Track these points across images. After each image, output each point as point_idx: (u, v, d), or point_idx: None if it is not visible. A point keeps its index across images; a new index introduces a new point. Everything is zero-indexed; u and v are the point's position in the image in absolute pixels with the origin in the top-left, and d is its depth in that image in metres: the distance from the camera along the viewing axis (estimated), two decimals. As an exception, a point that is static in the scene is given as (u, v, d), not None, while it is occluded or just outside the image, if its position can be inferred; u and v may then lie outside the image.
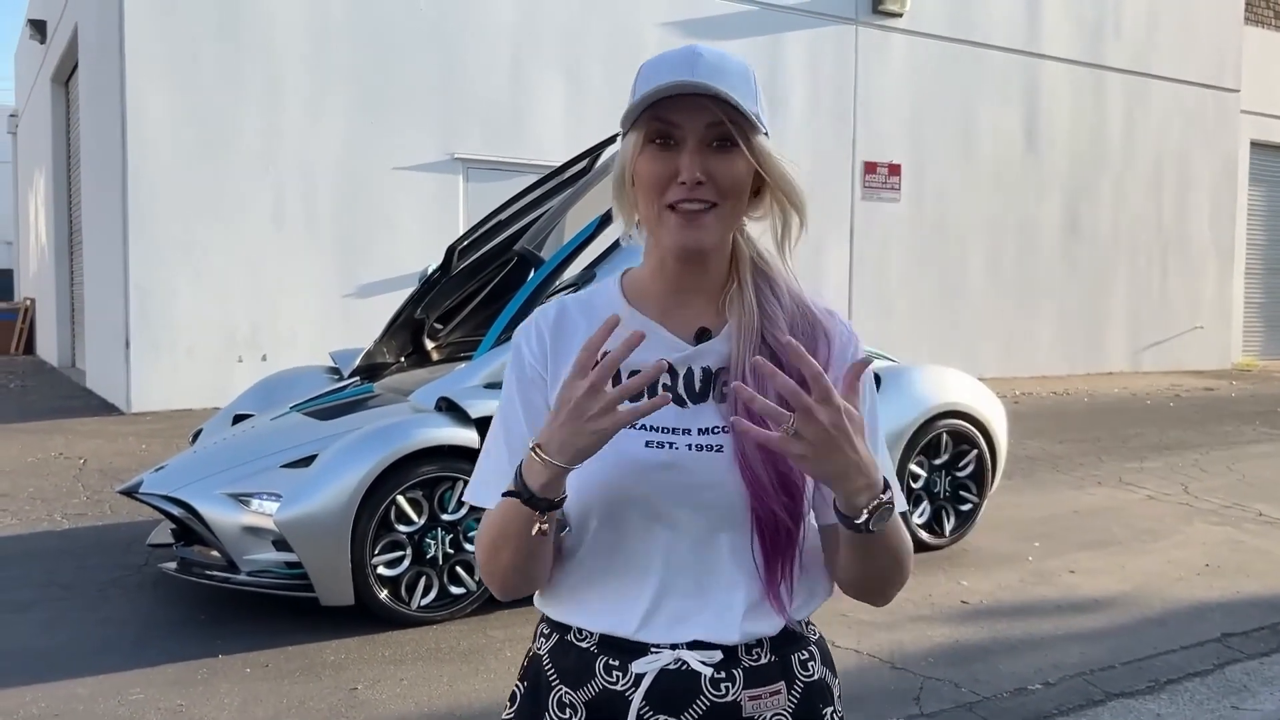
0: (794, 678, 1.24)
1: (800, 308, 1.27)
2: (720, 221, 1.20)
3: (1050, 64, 14.36)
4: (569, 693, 1.23)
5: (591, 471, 1.18)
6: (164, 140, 8.99)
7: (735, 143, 1.18)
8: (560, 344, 1.26)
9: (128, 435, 8.00)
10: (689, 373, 1.24)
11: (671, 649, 1.19)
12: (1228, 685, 3.87)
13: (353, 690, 3.61)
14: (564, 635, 1.25)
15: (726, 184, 1.18)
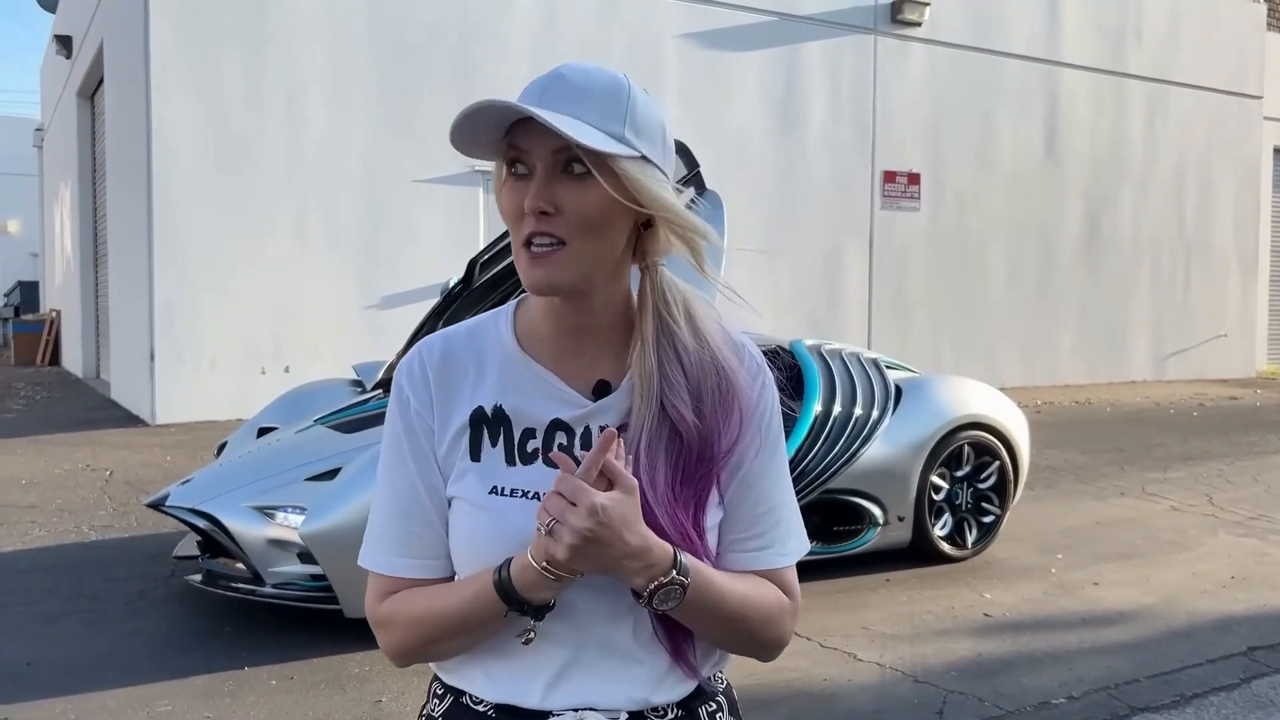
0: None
1: (712, 365, 1.14)
2: (574, 259, 1.07)
3: (1070, 72, 14.32)
4: None
5: (479, 546, 1.11)
6: (188, 154, 9.10)
7: (588, 170, 1.05)
8: (446, 392, 1.15)
9: (152, 447, 8.08)
10: (585, 431, 1.13)
11: (574, 712, 1.12)
12: (1255, 700, 3.84)
13: (377, 702, 3.63)
14: (458, 698, 1.17)
15: (577, 217, 1.06)
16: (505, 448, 1.13)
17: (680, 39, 11.23)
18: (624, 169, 1.06)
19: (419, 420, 1.15)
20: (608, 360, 1.15)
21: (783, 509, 1.18)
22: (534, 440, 1.13)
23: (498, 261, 5.77)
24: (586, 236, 1.07)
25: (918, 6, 12.71)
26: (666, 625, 1.12)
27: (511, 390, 1.14)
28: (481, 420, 1.14)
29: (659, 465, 1.09)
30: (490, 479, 1.12)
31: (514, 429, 1.13)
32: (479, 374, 1.15)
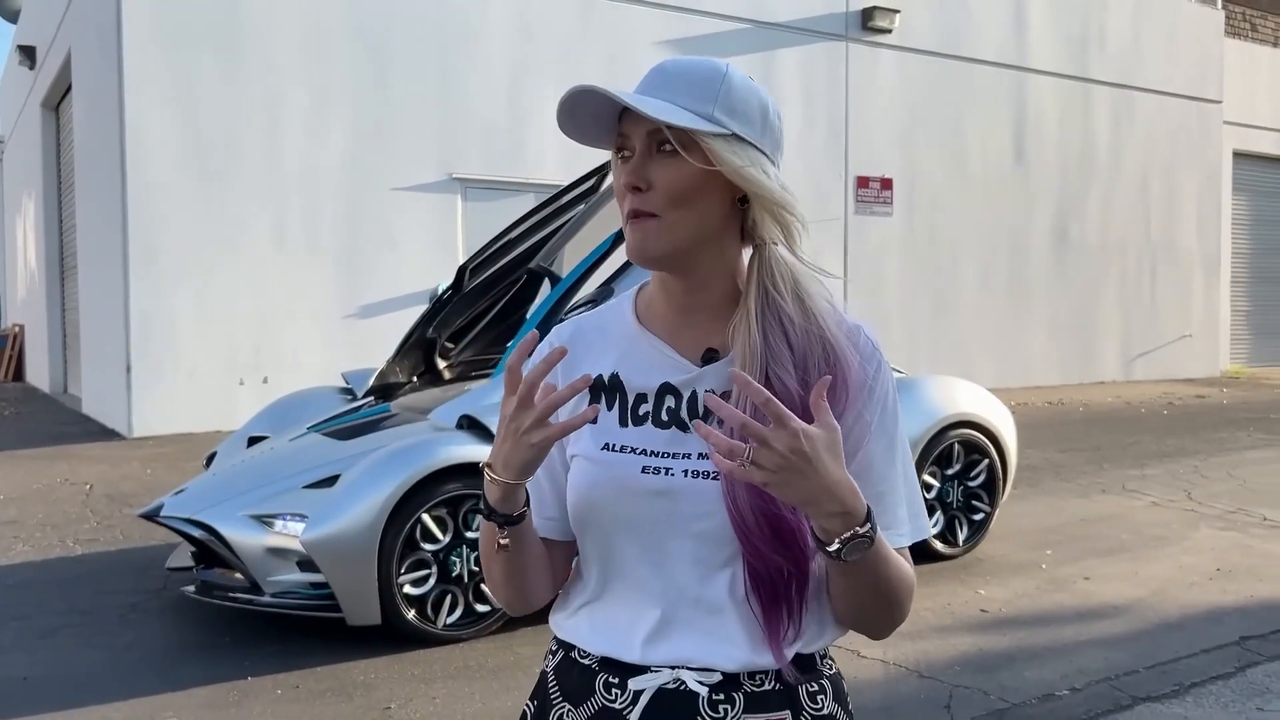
0: (801, 709, 1.18)
1: (818, 340, 1.17)
2: (666, 230, 1.15)
3: (1038, 78, 14.53)
4: (570, 710, 1.21)
5: (590, 496, 1.19)
6: (164, 164, 9.00)
7: (674, 149, 1.13)
8: (572, 362, 1.25)
9: (131, 460, 7.97)
10: (693, 395, 1.19)
11: (670, 669, 1.16)
12: (1251, 688, 3.91)
13: (386, 710, 3.61)
14: (568, 653, 1.24)
15: (669, 190, 1.14)
16: (619, 410, 1.21)
17: (657, 46, 11.28)
18: (710, 146, 1.12)
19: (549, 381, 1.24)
20: (719, 332, 1.20)
21: (898, 492, 1.20)
22: (645, 405, 1.21)
23: (487, 267, 5.77)
24: (676, 209, 1.15)
25: (888, 14, 12.85)
26: (761, 600, 1.14)
27: (627, 360, 1.23)
28: (599, 387, 1.23)
29: None
30: (604, 437, 1.20)
31: (628, 394, 1.21)
32: (602, 349, 1.25)
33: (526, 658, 4.11)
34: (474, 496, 4.25)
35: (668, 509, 1.15)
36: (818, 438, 1.00)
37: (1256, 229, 18.80)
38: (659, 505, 1.16)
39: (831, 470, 1.01)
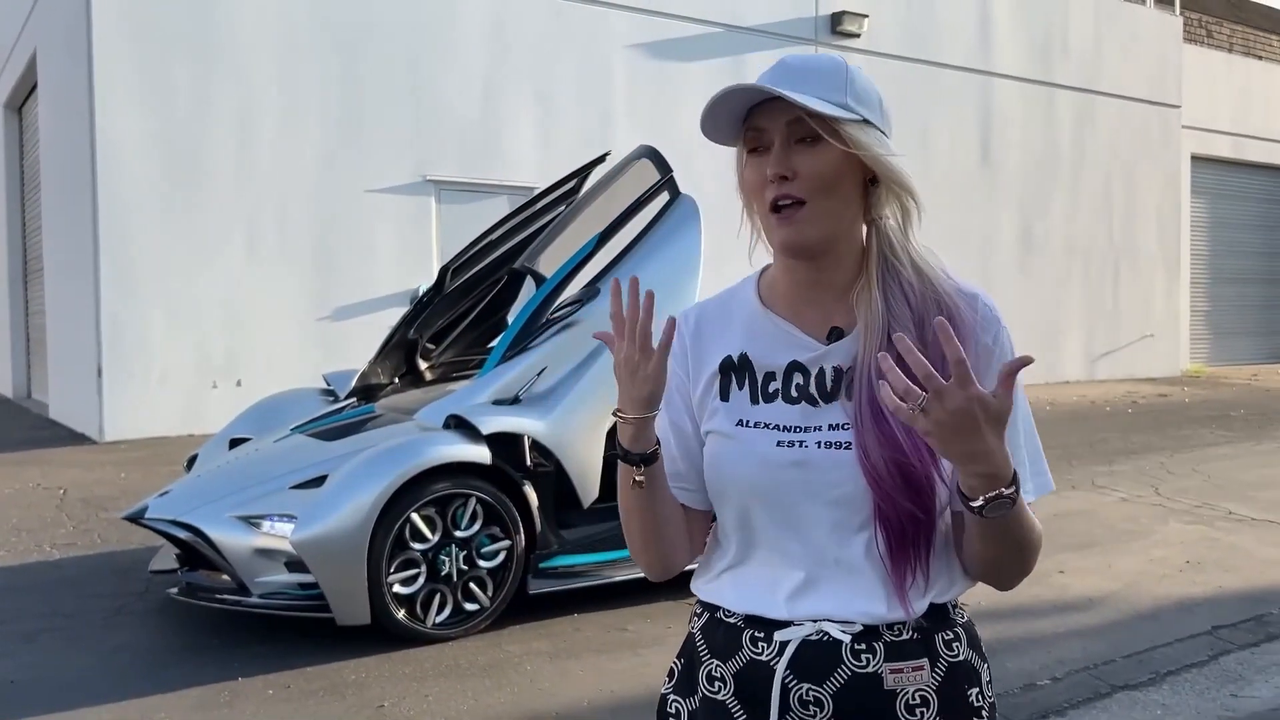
0: (938, 656, 1.23)
1: (935, 302, 1.24)
2: (816, 218, 1.22)
3: (1003, 82, 14.74)
4: (719, 665, 1.28)
5: (727, 470, 1.27)
6: (136, 166, 8.92)
7: (819, 136, 1.20)
8: (700, 347, 1.34)
9: (104, 464, 7.89)
10: (820, 372, 1.26)
11: (813, 622, 1.23)
12: (1224, 675, 4.01)
13: (379, 708, 3.62)
14: (713, 614, 1.31)
15: (812, 178, 1.21)
16: (750, 389, 1.29)
17: (629, 49, 11.33)
18: (849, 132, 1.21)
19: (673, 377, 1.33)
20: (842, 310, 1.28)
21: (1020, 451, 1.25)
22: (775, 382, 1.28)
23: (469, 268, 5.79)
24: (822, 195, 1.22)
25: (857, 18, 12.99)
26: (892, 551, 1.21)
27: (754, 340, 1.31)
28: (729, 367, 1.31)
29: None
30: (737, 414, 1.28)
31: (757, 373, 1.29)
32: (728, 330, 1.32)
33: (515, 655, 4.13)
34: (462, 496, 4.28)
35: (804, 478, 1.23)
36: (990, 405, 1.05)
37: (1214, 231, 19.17)
38: (795, 475, 1.23)
39: (991, 437, 1.06)
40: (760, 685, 1.24)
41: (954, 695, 1.24)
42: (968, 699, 1.25)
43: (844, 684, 1.21)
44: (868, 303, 1.24)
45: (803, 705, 1.22)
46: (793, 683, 1.22)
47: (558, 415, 4.46)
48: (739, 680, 1.26)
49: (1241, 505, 6.94)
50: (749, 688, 1.25)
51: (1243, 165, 19.46)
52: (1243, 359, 19.52)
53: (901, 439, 1.18)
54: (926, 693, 1.22)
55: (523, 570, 4.42)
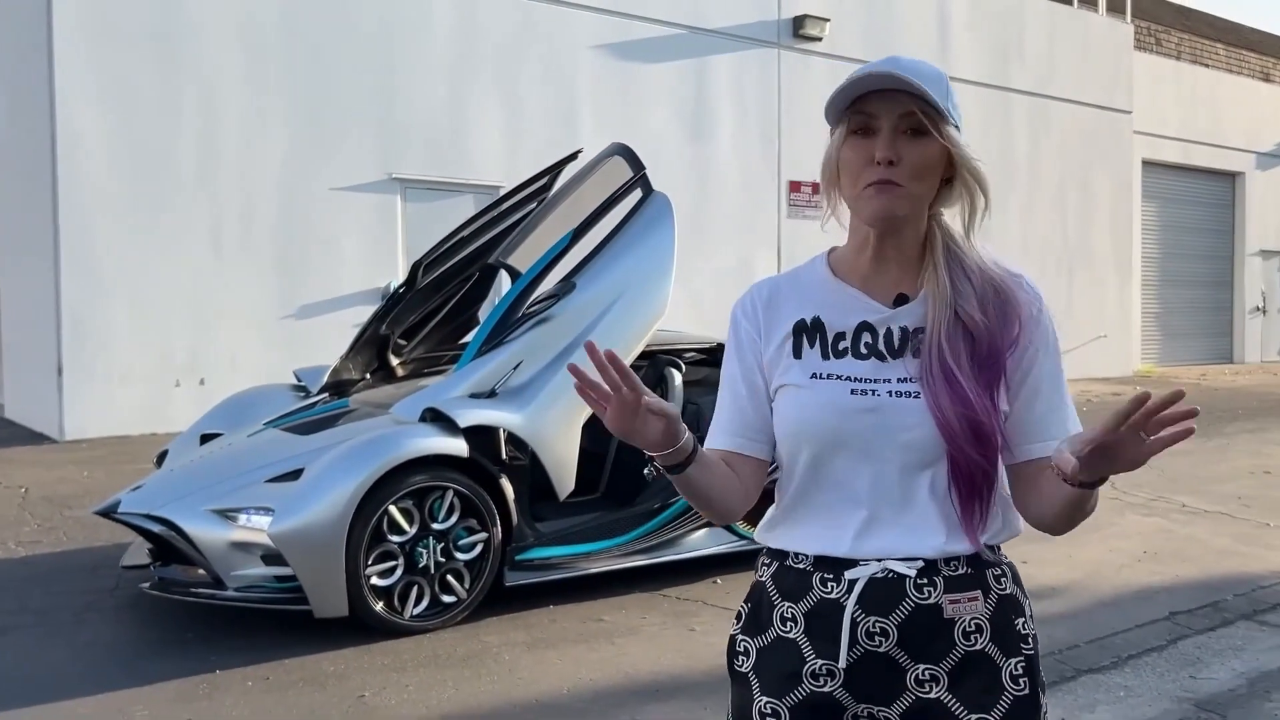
0: (989, 589, 1.40)
1: (990, 283, 1.42)
2: (910, 198, 1.38)
3: (960, 86, 14.96)
4: (790, 606, 1.42)
5: (806, 415, 1.41)
6: (97, 163, 8.81)
7: (926, 130, 1.35)
8: (772, 313, 1.49)
9: (65, 463, 7.79)
10: (888, 331, 1.42)
11: (878, 561, 1.38)
12: (1183, 658, 4.15)
13: (360, 698, 3.64)
14: (783, 561, 1.45)
15: (917, 166, 1.36)
16: (821, 347, 1.44)
17: (595, 50, 11.38)
18: (949, 134, 1.37)
19: (747, 338, 1.49)
20: (908, 280, 1.44)
21: (1066, 410, 1.43)
22: (844, 341, 1.43)
23: (440, 265, 5.81)
24: (917, 182, 1.38)
25: (818, 22, 13.14)
26: (961, 495, 1.37)
27: (826, 306, 1.46)
28: (801, 329, 1.46)
29: (961, 355, 1.37)
30: (811, 368, 1.43)
31: (828, 333, 1.44)
32: (800, 299, 1.48)
33: (494, 646, 4.17)
34: (439, 489, 4.30)
35: (877, 423, 1.37)
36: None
37: (1164, 234, 19.59)
38: (869, 420, 1.37)
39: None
40: (831, 620, 1.39)
41: (1004, 623, 1.40)
42: (1015, 627, 1.41)
43: (908, 615, 1.37)
44: (934, 277, 1.42)
45: (869, 636, 1.37)
46: (861, 616, 1.37)
47: (534, 409, 4.50)
48: (809, 618, 1.40)
49: (1195, 499, 7.14)
50: (819, 624, 1.40)
51: (1191, 170, 19.90)
52: (1191, 360, 19.96)
53: (973, 397, 1.35)
54: (981, 620, 1.38)
55: (499, 562, 4.45)
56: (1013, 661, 1.39)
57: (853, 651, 1.37)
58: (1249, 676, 3.94)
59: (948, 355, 1.36)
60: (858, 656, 1.38)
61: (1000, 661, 1.38)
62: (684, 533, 4.97)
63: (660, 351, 5.46)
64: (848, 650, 1.37)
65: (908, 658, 1.37)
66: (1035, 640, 1.43)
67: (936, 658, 1.37)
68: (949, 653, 1.37)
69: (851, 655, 1.37)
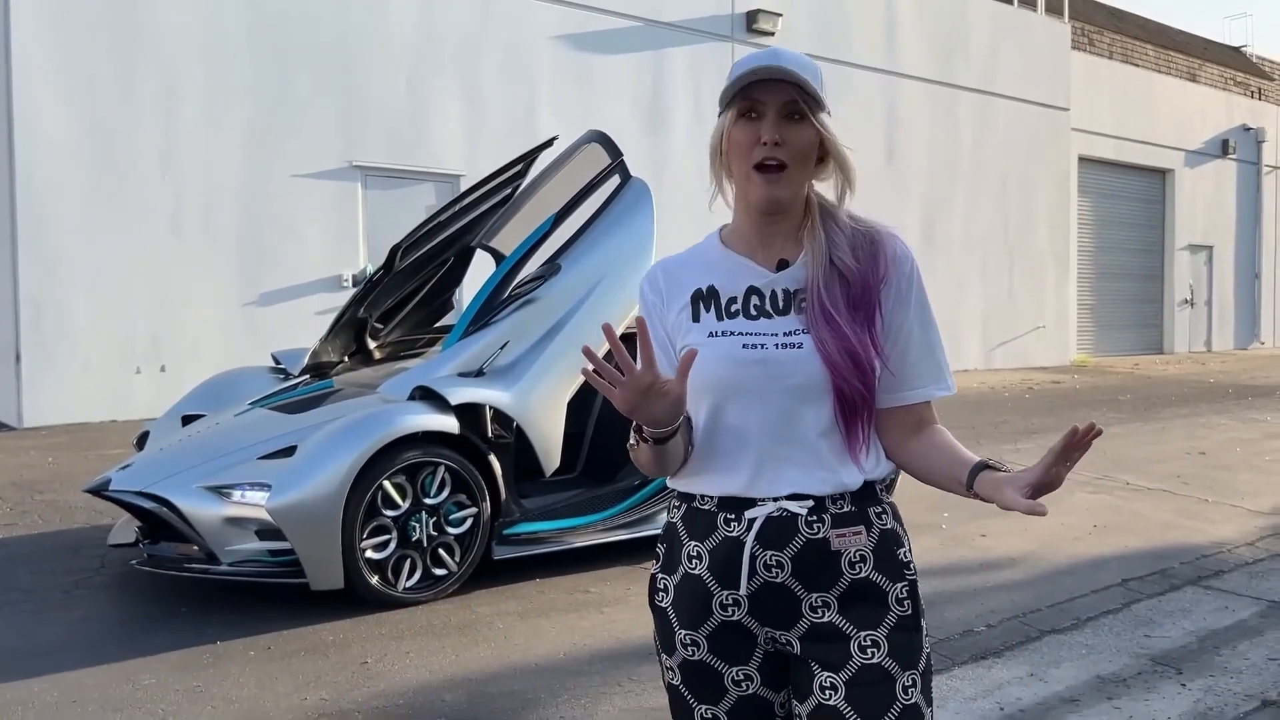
0: (871, 524, 1.56)
1: (860, 232, 1.61)
2: (792, 180, 1.55)
3: (908, 82, 15.33)
4: (697, 545, 1.59)
5: (702, 369, 1.53)
6: (56, 149, 8.71)
7: (805, 115, 1.53)
8: (672, 285, 1.66)
9: (28, 450, 7.71)
10: (773, 293, 1.59)
11: (774, 500, 1.53)
12: (1137, 620, 4.42)
13: (363, 664, 3.75)
14: (690, 503, 1.61)
15: (797, 147, 1.54)
16: (715, 310, 1.61)
17: (553, 40, 11.48)
18: (822, 120, 1.56)
19: (654, 309, 1.66)
20: (789, 249, 1.62)
21: (930, 360, 1.62)
22: (735, 304, 1.60)
23: (417, 249, 5.89)
24: (799, 163, 1.56)
25: (771, 17, 13.38)
26: (845, 419, 1.54)
27: (719, 275, 1.63)
28: (699, 297, 1.63)
29: (838, 299, 1.54)
30: (709, 328, 1.60)
31: (721, 298, 1.61)
32: (697, 271, 1.66)
33: (487, 616, 4.29)
34: (431, 464, 4.41)
35: (764, 372, 1.53)
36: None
37: (1099, 229, 20.23)
38: (758, 370, 1.54)
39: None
40: (732, 556, 1.54)
41: (886, 554, 1.56)
42: (897, 556, 1.57)
43: (800, 549, 1.53)
44: (812, 235, 1.59)
45: (766, 569, 1.53)
46: (759, 551, 1.53)
47: (521, 387, 4.63)
48: (713, 555, 1.56)
49: (1137, 477, 7.49)
50: (722, 559, 1.55)
51: (1124, 167, 20.57)
52: (1124, 350, 20.64)
53: (849, 332, 1.53)
54: (865, 551, 1.55)
55: (488, 536, 4.57)
56: (898, 586, 1.55)
57: (752, 582, 1.53)
58: (1198, 635, 4.21)
59: (825, 300, 1.53)
60: (757, 586, 1.53)
61: (886, 587, 1.54)
62: (661, 508, 5.14)
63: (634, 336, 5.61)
64: (747, 580, 1.53)
65: (801, 587, 1.53)
66: (914, 569, 1.60)
67: (827, 586, 1.53)
68: (837, 581, 1.53)
69: (751, 585, 1.53)
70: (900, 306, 1.59)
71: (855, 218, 1.62)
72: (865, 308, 1.56)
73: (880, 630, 1.53)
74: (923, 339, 1.60)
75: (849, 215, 1.63)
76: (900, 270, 1.60)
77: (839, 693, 1.51)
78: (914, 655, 1.55)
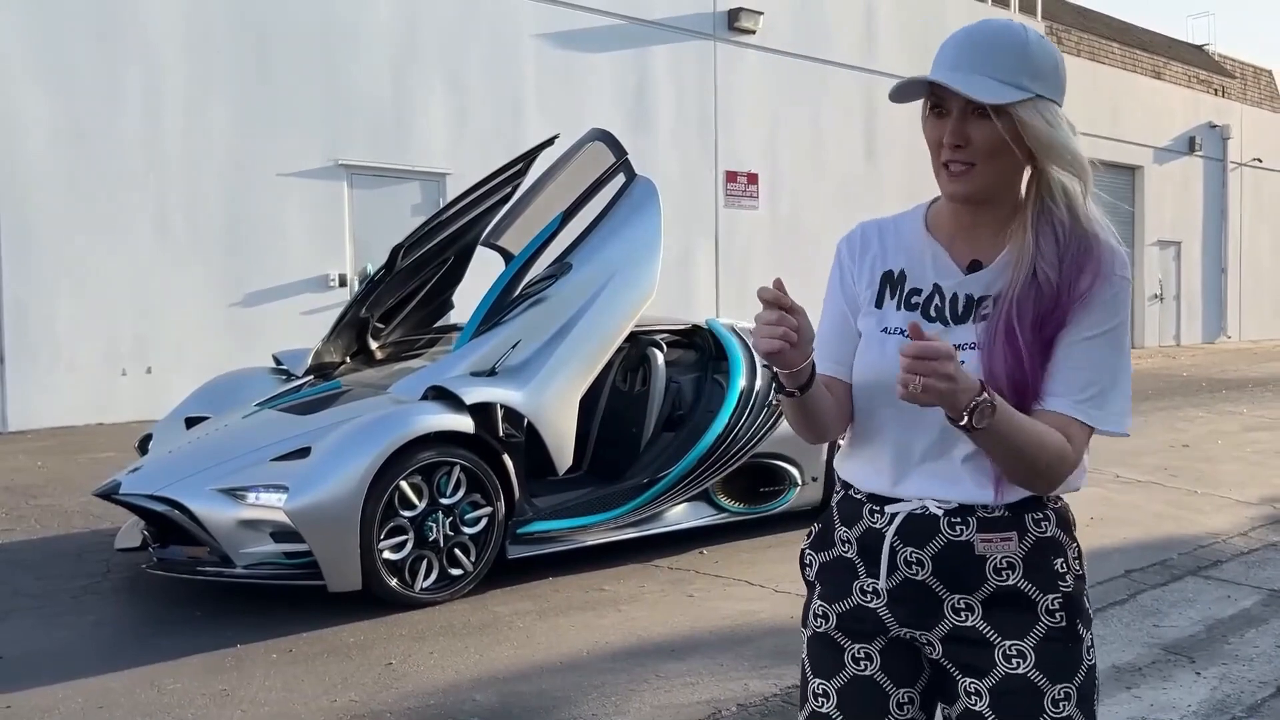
0: (1025, 531, 1.46)
1: (1077, 238, 1.43)
2: (981, 177, 1.42)
3: (887, 80, 15.42)
4: (846, 531, 1.57)
5: (863, 369, 1.53)
6: (38, 148, 8.58)
7: (989, 113, 1.38)
8: (868, 255, 1.58)
9: (16, 454, 7.60)
10: (954, 297, 1.49)
11: (918, 500, 1.48)
12: (1144, 610, 4.49)
13: (388, 665, 3.74)
14: (847, 490, 1.59)
15: (982, 147, 1.41)
16: (898, 299, 1.54)
17: (537, 38, 11.46)
18: (1018, 113, 1.39)
19: (846, 273, 1.60)
20: (990, 247, 1.50)
21: (1084, 375, 1.43)
22: (918, 297, 1.53)
23: (418, 248, 5.87)
24: (989, 160, 1.43)
25: (753, 15, 13.42)
26: None
27: (912, 260, 1.55)
28: (888, 279, 1.56)
29: (1026, 315, 1.41)
30: (884, 322, 1.53)
31: (907, 288, 1.54)
32: (895, 247, 1.57)
33: (505, 615, 4.29)
34: (447, 464, 4.41)
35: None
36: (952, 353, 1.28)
37: (1071, 225, 20.47)
38: None
39: (960, 377, 1.28)
40: (875, 547, 1.51)
41: (1039, 561, 1.47)
42: (1051, 565, 1.48)
43: (941, 549, 1.47)
44: (1020, 237, 1.45)
45: (907, 565, 1.49)
46: (899, 546, 1.49)
47: (534, 386, 4.63)
48: (860, 541, 1.54)
49: (1125, 470, 7.60)
50: (867, 548, 1.53)
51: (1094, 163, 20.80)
52: (1096, 345, 20.92)
53: (1025, 357, 1.40)
54: (1013, 559, 1.46)
55: (502, 536, 4.57)
56: (1049, 597, 1.45)
57: (893, 576, 1.49)
58: (1206, 624, 4.29)
59: (1013, 315, 1.40)
60: (898, 581, 1.49)
61: (1035, 596, 1.45)
62: (669, 506, 5.16)
63: (641, 333, 5.63)
64: (887, 574, 1.49)
65: (943, 587, 1.47)
66: (1078, 580, 1.50)
67: (969, 588, 1.46)
68: (981, 585, 1.45)
69: (892, 580, 1.49)
70: (1087, 313, 1.42)
71: (1079, 215, 1.44)
72: (1053, 327, 1.42)
73: (1027, 640, 1.46)
74: (1089, 357, 1.42)
75: (1084, 215, 1.44)
76: (1104, 289, 1.42)
77: (984, 700, 1.47)
78: (1068, 669, 1.47)
